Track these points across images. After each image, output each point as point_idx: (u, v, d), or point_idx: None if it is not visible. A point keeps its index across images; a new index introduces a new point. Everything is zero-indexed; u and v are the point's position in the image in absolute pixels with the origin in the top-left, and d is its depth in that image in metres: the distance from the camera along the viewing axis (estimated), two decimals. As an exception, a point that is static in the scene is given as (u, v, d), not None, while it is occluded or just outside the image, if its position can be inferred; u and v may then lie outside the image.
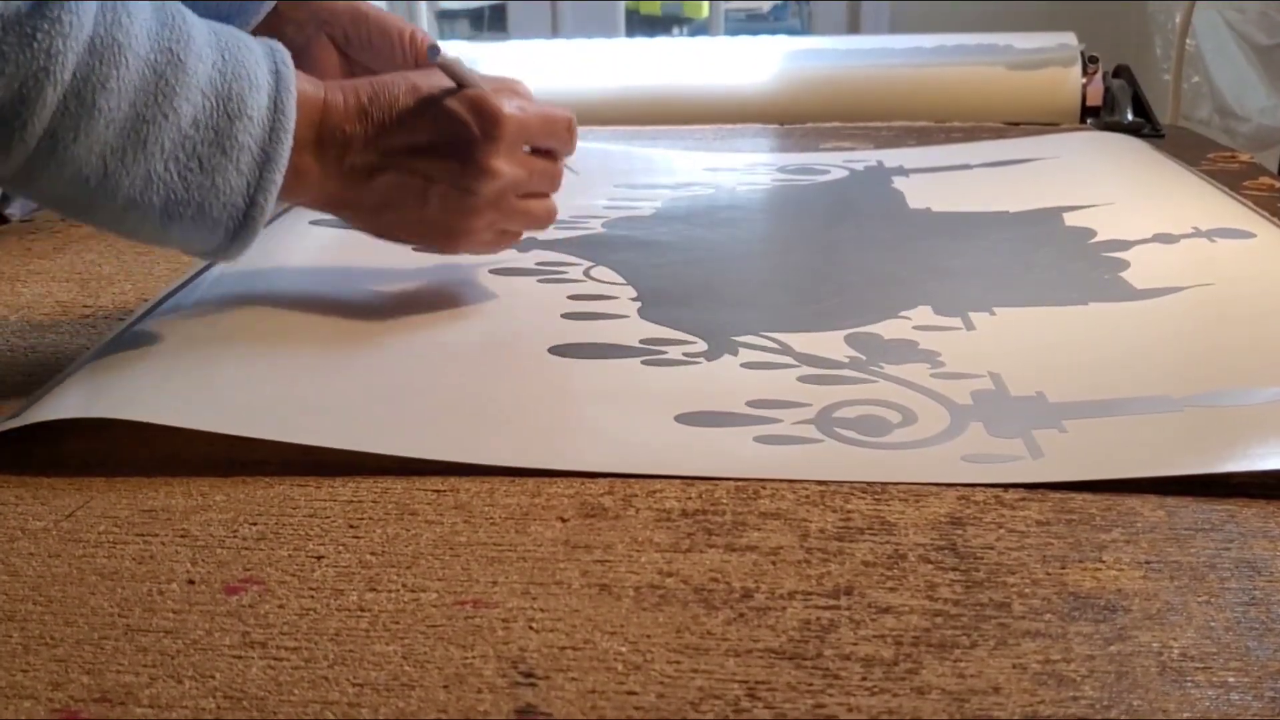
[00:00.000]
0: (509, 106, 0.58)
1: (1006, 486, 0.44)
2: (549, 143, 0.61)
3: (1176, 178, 0.89)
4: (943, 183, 0.91)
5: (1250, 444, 0.46)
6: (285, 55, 0.56)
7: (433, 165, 0.58)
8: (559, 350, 0.57)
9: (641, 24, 3.62)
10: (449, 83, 0.58)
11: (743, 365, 0.55)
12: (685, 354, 0.57)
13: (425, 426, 0.49)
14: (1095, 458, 0.45)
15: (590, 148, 0.76)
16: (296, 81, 0.55)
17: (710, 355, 0.57)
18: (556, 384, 0.54)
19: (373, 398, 0.52)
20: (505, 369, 0.56)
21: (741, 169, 0.98)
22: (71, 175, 0.52)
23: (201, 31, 0.54)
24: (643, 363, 0.56)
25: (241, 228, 0.54)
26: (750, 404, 0.51)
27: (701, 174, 0.94)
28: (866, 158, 1.01)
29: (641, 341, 0.59)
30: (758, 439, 0.48)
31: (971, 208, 0.82)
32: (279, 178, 0.54)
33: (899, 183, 0.91)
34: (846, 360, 0.55)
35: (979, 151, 1.02)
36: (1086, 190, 0.85)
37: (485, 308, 0.63)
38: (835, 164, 0.99)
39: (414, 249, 0.63)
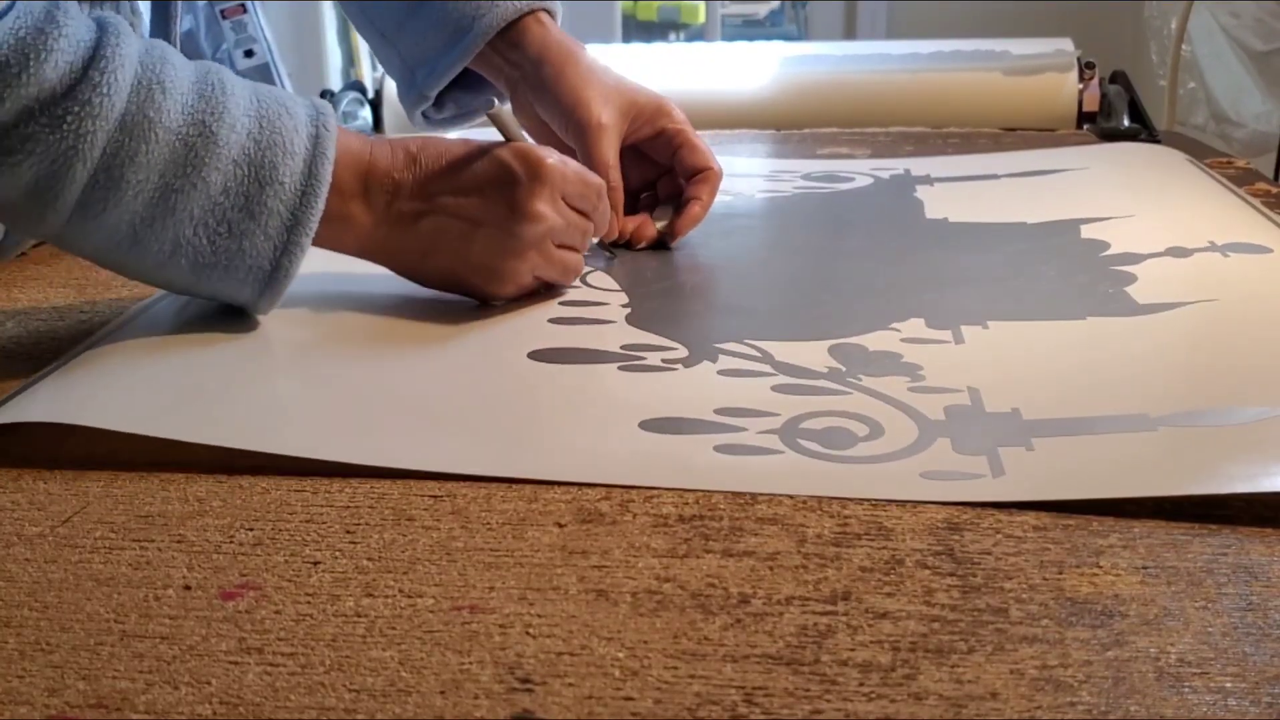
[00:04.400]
0: (552, 157, 0.61)
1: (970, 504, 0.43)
2: (582, 201, 0.64)
3: (1206, 192, 0.87)
4: (966, 193, 0.90)
5: (1220, 465, 0.44)
6: (329, 119, 0.58)
7: (479, 207, 0.60)
8: (538, 355, 0.57)
9: (638, 29, 3.62)
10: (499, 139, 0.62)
11: (719, 373, 0.55)
12: (664, 360, 0.56)
13: (387, 433, 0.49)
14: (1057, 477, 0.44)
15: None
16: (340, 139, 0.58)
17: (689, 362, 0.56)
18: (526, 389, 0.54)
19: (348, 403, 0.52)
20: (481, 373, 0.56)
21: (765, 175, 0.97)
22: (103, 240, 0.55)
23: (241, 101, 0.56)
24: (619, 368, 0.56)
25: (267, 288, 0.57)
26: (718, 412, 0.50)
27: (725, 179, 0.93)
28: (894, 165, 1.00)
29: (622, 347, 0.58)
30: (717, 448, 0.47)
31: (989, 218, 0.81)
32: (306, 241, 0.57)
33: (922, 192, 0.90)
34: (825, 371, 0.54)
35: (1009, 162, 1.00)
36: (1109, 202, 0.84)
37: (474, 312, 0.63)
38: (861, 171, 0.98)
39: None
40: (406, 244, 0.61)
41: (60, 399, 0.51)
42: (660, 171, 0.78)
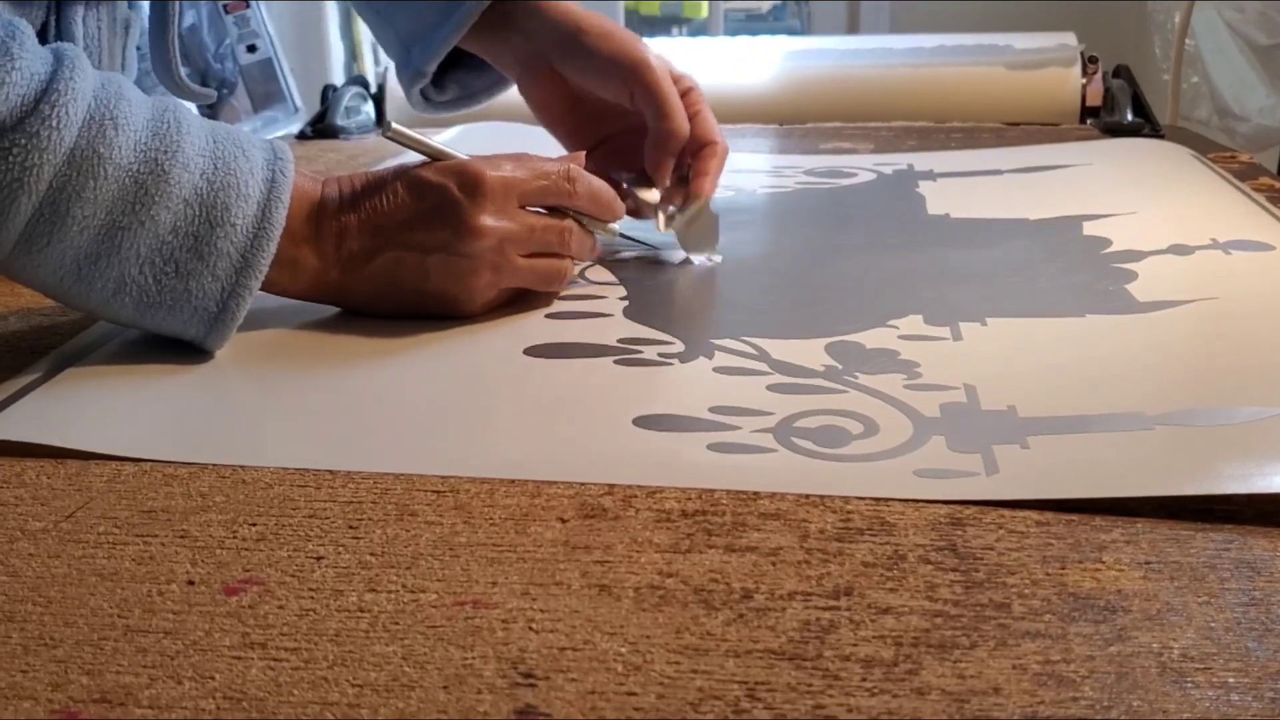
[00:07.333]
0: (492, 169, 0.60)
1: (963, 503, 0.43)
2: (547, 198, 0.62)
3: (1210, 187, 0.87)
4: (969, 188, 0.90)
5: (1215, 464, 0.44)
6: (287, 164, 0.57)
7: (424, 235, 0.59)
8: (533, 350, 0.57)
9: (641, 24, 3.62)
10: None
11: (715, 369, 0.54)
12: (660, 355, 0.56)
13: (385, 435, 0.49)
14: (1051, 476, 0.44)
15: None
16: (294, 182, 0.57)
17: (685, 357, 0.56)
18: (521, 385, 0.54)
19: (345, 407, 0.52)
20: (475, 370, 0.56)
21: (768, 170, 0.96)
22: (48, 274, 0.54)
23: (197, 140, 0.55)
24: (615, 362, 0.55)
25: (212, 329, 0.56)
26: (713, 410, 0.50)
27: (727, 175, 0.93)
28: (898, 160, 0.99)
29: (619, 341, 0.58)
30: (711, 446, 0.47)
31: (991, 214, 0.81)
32: (255, 284, 0.56)
33: (925, 187, 0.90)
34: (821, 369, 0.54)
35: (1013, 157, 1.00)
36: (1113, 199, 0.83)
37: None
38: (865, 167, 0.97)
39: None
40: (361, 285, 0.60)
41: (50, 417, 0.51)
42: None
